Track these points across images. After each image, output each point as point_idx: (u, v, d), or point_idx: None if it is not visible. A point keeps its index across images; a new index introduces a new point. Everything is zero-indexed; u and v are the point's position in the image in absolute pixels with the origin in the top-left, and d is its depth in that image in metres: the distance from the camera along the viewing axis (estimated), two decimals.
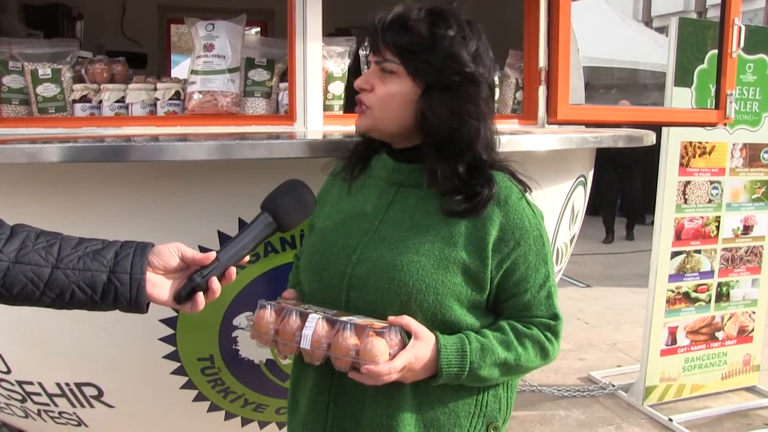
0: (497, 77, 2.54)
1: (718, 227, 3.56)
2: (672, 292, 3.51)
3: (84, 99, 2.08)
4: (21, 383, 1.98)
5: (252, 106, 2.13)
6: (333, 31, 2.87)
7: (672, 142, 3.35)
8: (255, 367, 1.96)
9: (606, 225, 8.09)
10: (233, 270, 1.23)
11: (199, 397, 1.99)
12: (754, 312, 3.76)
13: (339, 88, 2.16)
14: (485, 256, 1.27)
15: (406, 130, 1.31)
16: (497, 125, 1.37)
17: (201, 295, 1.19)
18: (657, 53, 9.20)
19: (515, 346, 1.29)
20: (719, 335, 3.69)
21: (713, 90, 2.86)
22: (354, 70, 2.17)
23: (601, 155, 2.89)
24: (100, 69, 2.12)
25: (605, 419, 3.45)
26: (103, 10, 4.62)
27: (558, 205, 2.40)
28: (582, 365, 4.13)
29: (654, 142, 2.65)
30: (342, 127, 2.03)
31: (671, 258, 3.47)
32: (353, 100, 1.38)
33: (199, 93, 2.03)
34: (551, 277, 1.34)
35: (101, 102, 2.08)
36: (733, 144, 3.53)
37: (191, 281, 1.19)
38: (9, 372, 1.96)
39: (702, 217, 3.51)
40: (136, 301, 1.14)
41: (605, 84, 11.33)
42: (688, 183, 3.43)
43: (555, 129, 2.36)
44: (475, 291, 1.29)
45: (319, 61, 2.01)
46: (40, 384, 1.97)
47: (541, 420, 3.41)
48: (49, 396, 2.00)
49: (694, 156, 3.42)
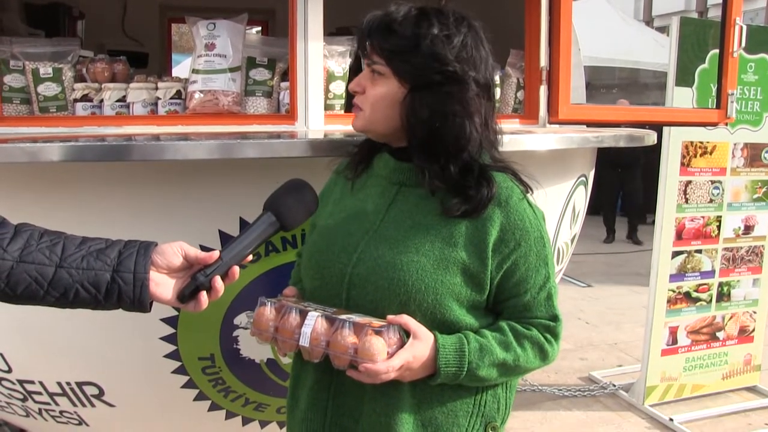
0: (498, 76, 2.54)
1: (719, 227, 3.56)
2: (673, 291, 3.51)
3: (85, 98, 2.08)
4: (22, 382, 1.99)
5: (253, 105, 2.13)
6: (334, 31, 2.87)
7: (673, 141, 3.35)
8: (256, 367, 1.96)
9: (606, 225, 8.10)
10: (236, 269, 1.23)
11: (200, 397, 2.00)
12: (755, 312, 3.76)
13: (340, 87, 2.16)
14: (485, 256, 1.27)
15: (396, 130, 1.31)
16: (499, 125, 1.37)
17: (204, 294, 1.20)
18: (658, 53, 9.20)
19: (514, 346, 1.29)
20: (720, 335, 3.69)
21: (714, 90, 2.86)
22: (355, 69, 2.17)
23: (602, 155, 2.89)
24: (101, 68, 2.12)
25: (606, 419, 3.45)
26: (104, 9, 4.62)
27: (559, 205, 2.40)
28: (583, 365, 4.13)
29: (655, 141, 2.65)
30: (343, 127, 2.02)
31: (672, 258, 3.47)
32: None
33: (201, 92, 2.03)
34: (552, 279, 1.34)
35: (102, 101, 2.09)
36: (734, 144, 3.53)
37: (195, 280, 1.19)
38: (10, 371, 1.96)
39: (703, 217, 3.50)
40: (139, 300, 1.14)
41: (606, 84, 11.32)
42: (689, 183, 3.43)
43: (556, 128, 2.36)
44: (475, 291, 1.29)
45: (321, 61, 2.01)
46: (41, 383, 1.97)
47: (542, 420, 3.41)
48: (50, 395, 2.00)
49: (695, 156, 3.42)
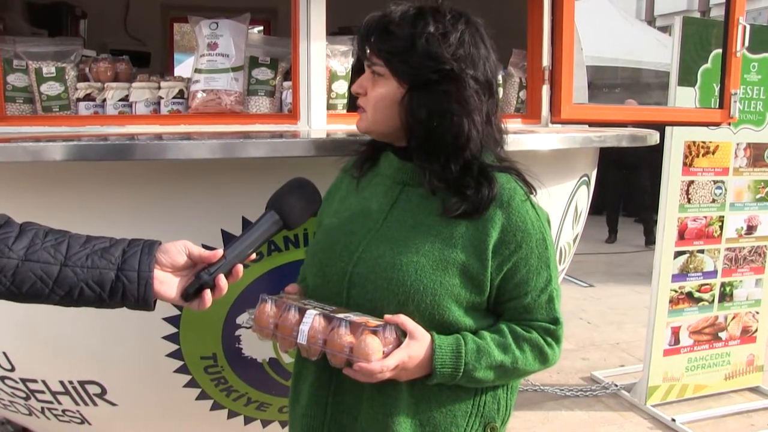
0: (501, 76, 2.54)
1: (721, 227, 3.55)
2: (675, 291, 3.51)
3: (88, 97, 2.08)
4: (25, 381, 1.99)
5: (255, 104, 2.13)
6: (336, 30, 2.87)
7: (675, 141, 3.34)
8: (258, 366, 1.96)
9: (609, 225, 8.07)
10: (240, 267, 1.24)
11: (202, 396, 2.00)
12: (757, 312, 3.75)
13: (343, 86, 2.16)
14: (485, 258, 1.26)
15: (397, 130, 1.31)
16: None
17: (208, 293, 1.20)
18: (660, 52, 9.18)
19: (513, 349, 1.28)
20: (722, 335, 3.68)
21: (717, 89, 2.85)
22: (357, 69, 2.17)
23: (606, 155, 2.88)
24: (104, 67, 2.12)
25: (608, 419, 3.45)
26: (107, 8, 4.63)
27: (561, 205, 2.40)
28: (585, 365, 4.12)
29: (657, 141, 2.65)
30: (346, 126, 2.02)
31: (674, 258, 3.47)
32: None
33: (203, 92, 2.03)
34: (553, 281, 1.32)
35: (105, 100, 2.09)
36: (737, 143, 3.52)
37: (198, 278, 1.19)
38: (13, 370, 1.97)
39: (705, 217, 3.50)
40: (143, 299, 1.14)
41: (608, 83, 11.31)
42: (691, 182, 3.43)
43: (558, 128, 2.36)
44: (474, 293, 1.28)
45: (323, 60, 2.01)
46: (43, 382, 1.98)
47: (544, 420, 3.41)
48: (53, 394, 2.00)
49: (697, 155, 3.42)
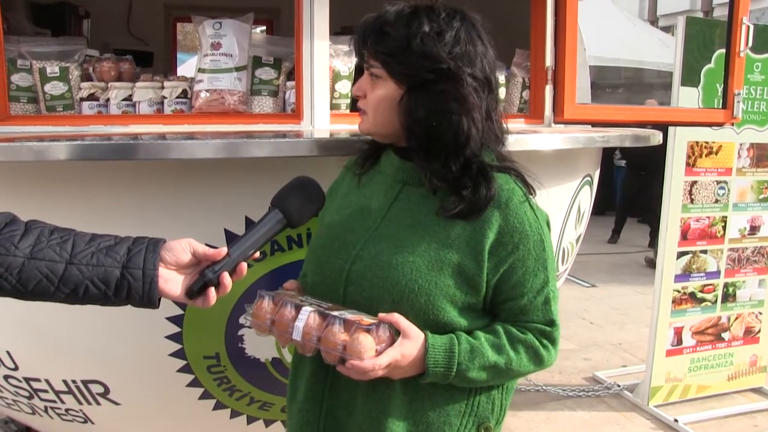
0: (504, 76, 2.54)
1: (724, 227, 3.55)
2: (678, 292, 3.50)
3: (91, 97, 2.09)
4: (28, 380, 1.99)
5: (259, 104, 2.13)
6: (339, 30, 2.87)
7: (678, 141, 3.34)
8: (261, 366, 1.96)
9: (616, 225, 7.90)
10: (244, 265, 1.24)
11: (205, 395, 2.00)
12: (760, 313, 3.75)
13: (346, 86, 2.16)
14: (481, 259, 1.26)
15: (398, 131, 1.31)
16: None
17: (213, 290, 1.20)
18: (663, 52, 9.17)
19: (507, 350, 1.28)
20: (725, 336, 3.68)
21: (720, 89, 2.85)
22: (360, 68, 2.17)
23: (626, 157, 2.87)
24: (107, 67, 2.13)
25: (610, 419, 3.45)
26: (110, 8, 4.64)
27: (564, 205, 2.40)
28: (587, 365, 4.12)
29: (660, 141, 2.65)
30: (349, 126, 2.02)
31: (677, 258, 3.46)
32: None
33: (207, 91, 2.04)
34: (551, 283, 1.32)
35: (108, 100, 2.09)
36: (740, 144, 3.52)
37: (203, 276, 1.20)
38: (16, 369, 1.97)
39: (708, 217, 3.49)
40: (148, 296, 1.15)
41: (611, 83, 11.29)
42: (694, 183, 3.42)
43: (561, 128, 2.36)
44: (470, 293, 1.28)
45: (326, 60, 2.02)
46: (47, 381, 1.98)
47: (546, 420, 3.41)
48: (56, 393, 2.00)
49: (700, 156, 3.41)
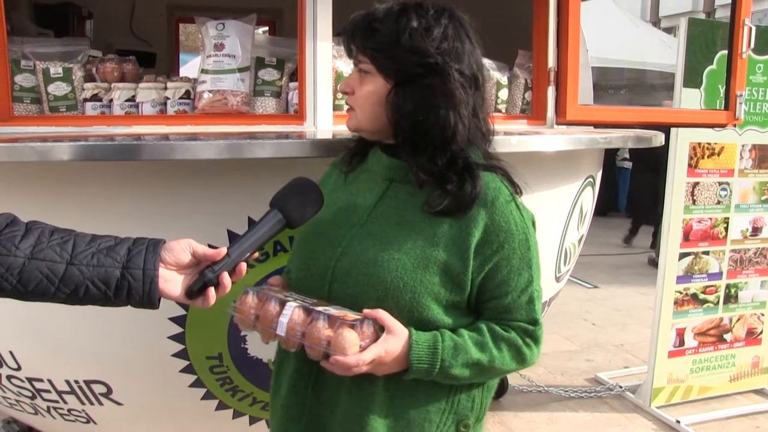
0: (506, 77, 2.54)
1: (726, 229, 3.55)
2: (680, 293, 3.50)
3: (95, 98, 2.09)
4: (31, 380, 2.00)
5: (262, 105, 2.13)
6: (342, 31, 2.88)
7: (680, 143, 3.33)
8: (263, 366, 1.96)
9: (633, 226, 7.76)
10: (243, 265, 1.24)
11: (208, 396, 2.00)
12: (762, 314, 3.74)
13: None
14: (467, 257, 1.27)
15: (385, 127, 1.32)
16: (498, 124, 1.37)
17: (212, 290, 1.21)
18: (665, 54, 9.16)
19: (490, 347, 1.29)
20: (727, 337, 3.67)
21: (722, 91, 2.85)
22: None
23: (638, 158, 2.87)
24: (110, 68, 2.13)
25: (612, 420, 3.44)
26: (113, 9, 4.65)
27: (566, 206, 2.39)
28: (589, 366, 4.12)
29: (663, 142, 2.65)
30: None
31: (679, 259, 3.46)
32: None
33: (209, 92, 2.04)
34: (535, 282, 1.33)
35: (112, 101, 2.10)
36: (742, 145, 3.51)
37: (203, 276, 1.20)
38: (19, 369, 1.97)
39: (710, 219, 3.49)
40: (148, 297, 1.15)
41: (613, 84, 11.29)
42: (696, 184, 3.42)
43: (564, 129, 2.36)
44: (455, 292, 1.28)
45: (329, 61, 2.02)
46: (49, 381, 1.98)
47: (548, 421, 3.40)
48: (59, 393, 2.01)
49: (702, 157, 3.41)
